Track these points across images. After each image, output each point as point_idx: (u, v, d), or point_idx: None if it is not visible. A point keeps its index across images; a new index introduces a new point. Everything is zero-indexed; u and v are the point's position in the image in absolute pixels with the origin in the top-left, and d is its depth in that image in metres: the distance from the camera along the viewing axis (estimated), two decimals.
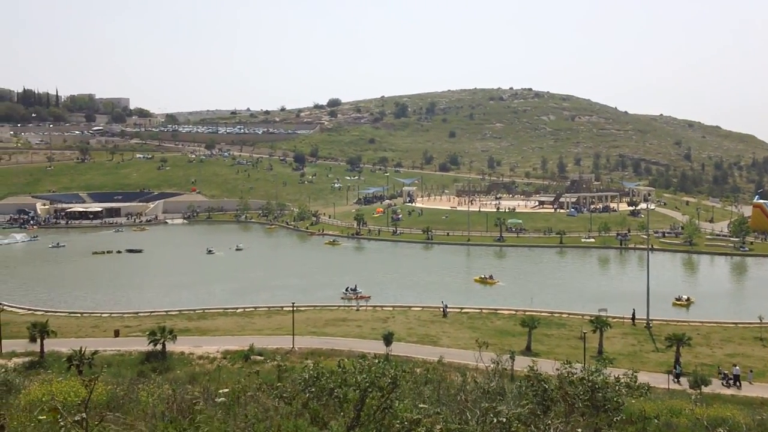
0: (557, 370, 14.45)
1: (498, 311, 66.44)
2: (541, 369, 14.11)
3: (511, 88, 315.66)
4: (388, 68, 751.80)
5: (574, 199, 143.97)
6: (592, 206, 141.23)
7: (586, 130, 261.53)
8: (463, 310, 66.71)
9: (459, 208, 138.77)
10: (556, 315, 64.65)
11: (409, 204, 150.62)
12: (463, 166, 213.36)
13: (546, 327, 58.67)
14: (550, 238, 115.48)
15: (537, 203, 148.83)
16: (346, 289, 76.19)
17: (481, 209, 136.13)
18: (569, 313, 64.97)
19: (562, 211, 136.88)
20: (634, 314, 62.50)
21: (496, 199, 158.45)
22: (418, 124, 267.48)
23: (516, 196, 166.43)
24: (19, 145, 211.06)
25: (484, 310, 66.84)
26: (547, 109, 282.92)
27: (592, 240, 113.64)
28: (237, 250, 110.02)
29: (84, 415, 4.93)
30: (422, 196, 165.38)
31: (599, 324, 52.22)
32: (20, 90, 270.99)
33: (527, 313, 61.55)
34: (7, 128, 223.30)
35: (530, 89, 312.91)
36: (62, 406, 5.62)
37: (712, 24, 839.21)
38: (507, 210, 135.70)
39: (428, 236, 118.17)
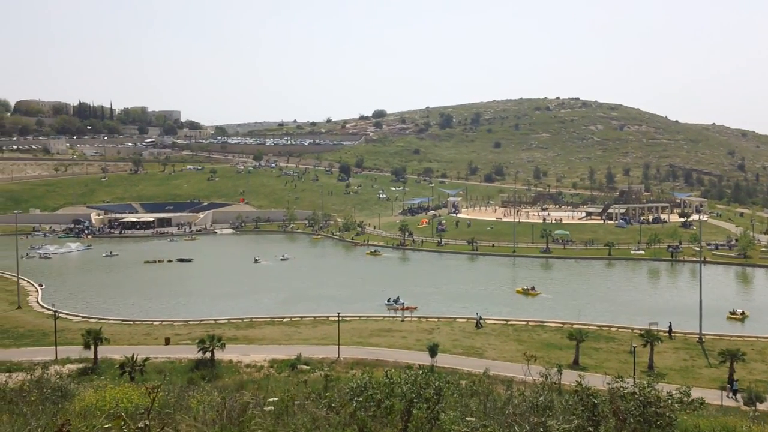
0: (608, 384, 14.26)
1: (545, 324, 65.62)
2: (589, 383, 13.97)
3: (558, 98, 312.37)
4: (433, 79, 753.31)
5: (623, 210, 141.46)
6: (641, 217, 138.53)
7: (636, 140, 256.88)
8: (509, 323, 66.11)
9: (504, 219, 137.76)
10: (604, 328, 63.53)
11: (454, 215, 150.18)
12: (508, 177, 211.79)
13: (594, 340, 57.78)
14: (598, 250, 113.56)
15: (584, 214, 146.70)
16: (388, 300, 76.58)
17: (527, 220, 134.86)
18: (618, 327, 63.73)
19: (610, 222, 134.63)
20: (670, 327, 61.01)
21: (542, 210, 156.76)
22: (463, 135, 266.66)
23: (563, 207, 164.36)
24: (75, 156, 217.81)
25: (530, 323, 66.12)
26: (595, 119, 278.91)
27: (642, 252, 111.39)
28: (282, 259, 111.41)
29: (147, 422, 5.16)
30: (467, 207, 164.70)
31: (649, 338, 51.16)
32: (76, 103, 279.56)
33: (574, 326, 60.71)
34: (63, 140, 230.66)
35: (577, 98, 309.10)
36: (125, 413, 5.85)
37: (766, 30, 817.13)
38: (553, 221, 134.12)
39: (473, 247, 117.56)
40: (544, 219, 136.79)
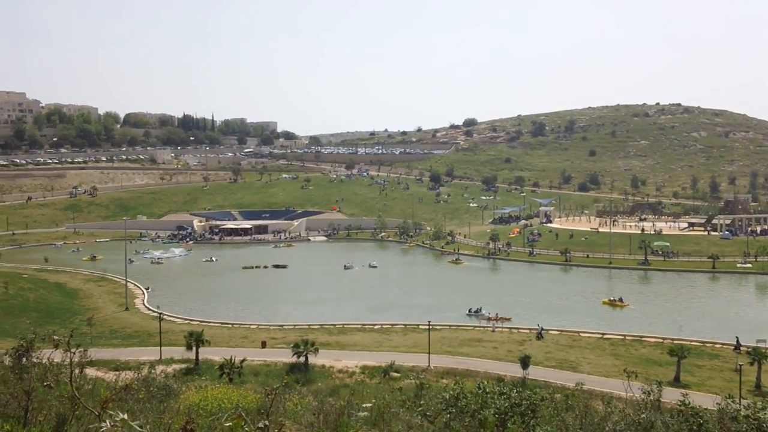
0: (717, 404, 13.91)
1: (643, 338, 63.49)
2: (693, 402, 13.64)
3: (658, 104, 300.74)
4: (525, 87, 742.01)
5: (728, 221, 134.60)
6: (749, 229, 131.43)
7: (742, 147, 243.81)
8: (605, 336, 64.42)
9: (600, 230, 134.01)
10: (707, 345, 60.81)
11: (546, 224, 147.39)
12: (603, 186, 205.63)
13: (696, 357, 55.43)
14: (701, 263, 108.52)
15: (686, 225, 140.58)
16: (469, 310, 76.77)
17: (624, 231, 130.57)
18: (722, 344, 60.77)
19: (714, 233, 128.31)
20: (738, 342, 57.68)
21: (641, 220, 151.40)
22: (556, 143, 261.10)
23: (662, 217, 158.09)
24: (179, 166, 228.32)
25: (627, 337, 64.16)
26: (698, 125, 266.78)
27: (749, 265, 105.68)
28: (371, 267, 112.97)
29: (267, 422, 5.64)
30: (560, 217, 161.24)
31: (757, 356, 48.65)
32: (181, 115, 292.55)
33: (675, 341, 58.43)
34: (168, 151, 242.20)
35: (678, 104, 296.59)
36: (245, 413, 6.37)
37: None
38: (653, 232, 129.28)
39: (566, 258, 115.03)
40: (643, 229, 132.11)
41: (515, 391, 13.02)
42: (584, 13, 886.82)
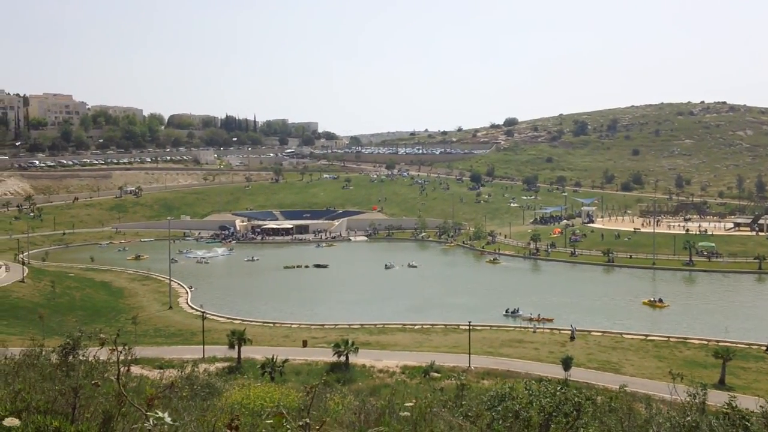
0: (761, 407, 13.55)
1: (687, 340, 62.30)
2: (740, 404, 13.32)
3: (702, 102, 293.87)
4: (566, 86, 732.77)
5: None
6: None
7: None
8: (648, 338, 63.34)
9: (643, 230, 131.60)
10: (753, 347, 59.30)
11: (588, 224, 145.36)
12: (647, 186, 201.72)
13: (742, 359, 54.15)
14: (748, 264, 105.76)
15: (732, 225, 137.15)
16: (506, 311, 76.41)
17: (668, 231, 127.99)
18: None
19: (762, 233, 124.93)
20: None
21: (685, 220, 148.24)
22: (599, 142, 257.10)
23: (707, 217, 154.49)
24: (222, 166, 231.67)
25: (671, 339, 62.99)
26: (744, 124, 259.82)
27: None
28: (410, 266, 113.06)
29: (308, 420, 5.69)
30: (602, 217, 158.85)
31: None
32: (223, 116, 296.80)
33: (720, 343, 57.09)
34: (211, 151, 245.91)
35: (724, 102, 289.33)
36: (286, 411, 6.43)
37: None
38: (698, 232, 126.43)
39: (609, 258, 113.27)
40: (687, 230, 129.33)
41: (559, 390, 12.87)
42: (627, 11, 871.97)
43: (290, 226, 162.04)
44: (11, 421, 4.20)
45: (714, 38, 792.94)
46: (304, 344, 61.62)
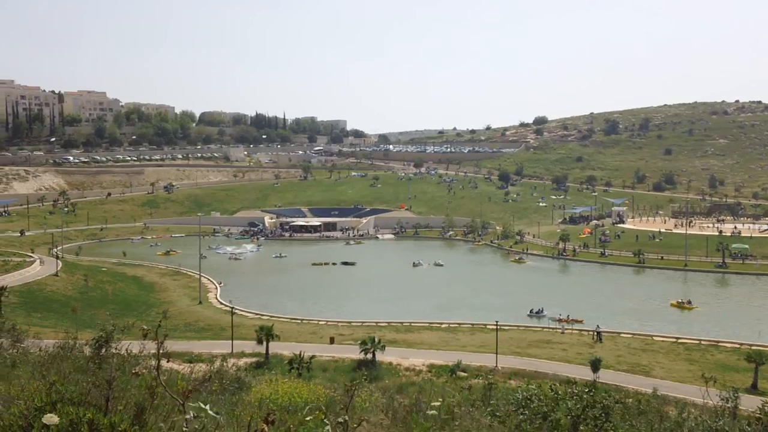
0: None
1: (719, 344, 61.31)
2: None
3: (737, 101, 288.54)
4: (597, 84, 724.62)
5: None
6: None
7: None
8: (679, 341, 62.45)
9: (675, 231, 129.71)
10: None
11: (619, 225, 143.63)
12: (679, 186, 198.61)
13: None
14: None
15: (767, 227, 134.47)
16: (531, 311, 75.97)
17: (701, 232, 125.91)
18: None
19: None
20: None
21: (718, 221, 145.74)
22: (630, 141, 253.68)
23: (742, 218, 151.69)
24: (251, 164, 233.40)
25: (702, 342, 62.04)
26: None
27: None
28: (436, 265, 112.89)
29: (346, 417, 5.76)
30: (633, 217, 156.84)
31: None
32: (253, 114, 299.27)
33: (753, 347, 56.08)
34: (241, 149, 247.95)
35: (759, 102, 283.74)
36: (324, 408, 6.49)
37: None
38: (731, 234, 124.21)
39: (640, 259, 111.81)
40: (720, 231, 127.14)
41: (587, 392, 12.75)
42: (659, 9, 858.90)
43: (318, 224, 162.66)
44: (50, 419, 4.31)
45: (749, 37, 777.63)
46: (331, 341, 61.85)
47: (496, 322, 59.28)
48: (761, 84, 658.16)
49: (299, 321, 72.81)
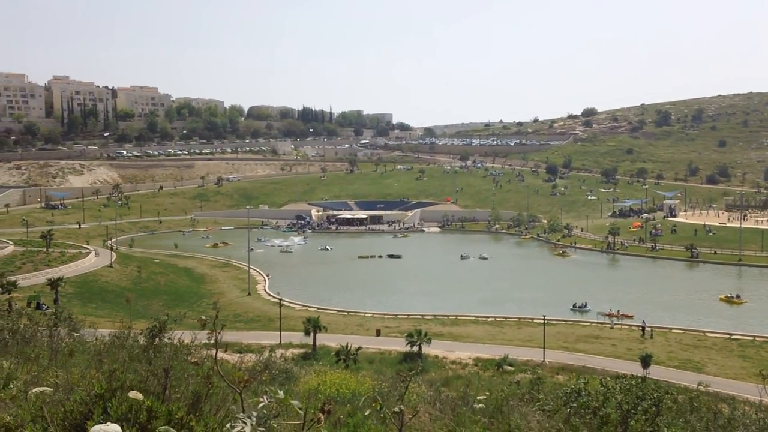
0: None
1: None
2: None
3: None
4: (648, 74, 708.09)
5: None
6: None
7: None
8: (733, 337, 60.93)
9: (729, 224, 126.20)
10: None
11: (671, 218, 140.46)
12: (734, 178, 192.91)
13: None
14: None
15: None
16: (574, 305, 75.00)
17: (756, 226, 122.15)
18: None
19: None
20: None
21: None
22: (683, 133, 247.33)
23: None
24: (298, 157, 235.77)
25: (757, 338, 60.42)
26: None
27: None
28: (481, 258, 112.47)
29: (402, 407, 5.91)
30: (685, 210, 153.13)
31: None
32: (300, 108, 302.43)
33: None
34: (289, 142, 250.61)
35: None
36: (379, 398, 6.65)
37: None
38: None
39: (692, 254, 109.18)
40: None
41: (636, 388, 12.63)
42: None
43: (364, 217, 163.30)
44: (135, 395, 4.58)
45: None
46: (378, 333, 62.22)
47: (544, 316, 58.82)
48: None
49: (345, 313, 73.39)
